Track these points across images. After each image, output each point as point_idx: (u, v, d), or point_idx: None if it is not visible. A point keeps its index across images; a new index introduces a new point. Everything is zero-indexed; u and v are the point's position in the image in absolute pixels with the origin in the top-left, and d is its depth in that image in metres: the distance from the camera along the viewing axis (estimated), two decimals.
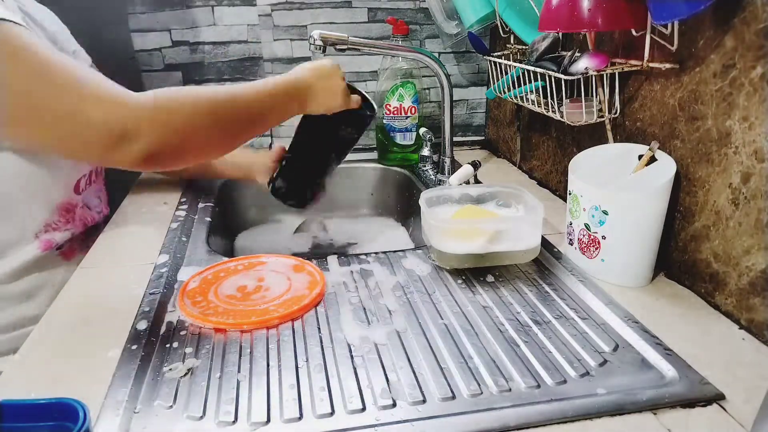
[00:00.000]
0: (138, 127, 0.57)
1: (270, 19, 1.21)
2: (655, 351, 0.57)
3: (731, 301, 0.63)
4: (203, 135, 0.64)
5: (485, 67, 1.33)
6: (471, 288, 0.71)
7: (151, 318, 0.64)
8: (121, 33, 1.15)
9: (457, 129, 1.37)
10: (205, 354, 0.58)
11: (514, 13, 0.98)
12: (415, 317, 0.65)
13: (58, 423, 0.43)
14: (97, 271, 0.77)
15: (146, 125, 0.57)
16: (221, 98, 0.66)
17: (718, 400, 0.51)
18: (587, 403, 0.50)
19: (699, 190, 0.66)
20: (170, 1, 1.16)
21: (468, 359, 0.57)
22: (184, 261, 0.79)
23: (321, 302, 0.68)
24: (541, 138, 1.08)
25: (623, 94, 0.79)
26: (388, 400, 0.51)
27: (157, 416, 0.50)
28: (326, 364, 0.56)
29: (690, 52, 0.66)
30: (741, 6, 0.58)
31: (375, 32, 1.25)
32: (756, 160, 0.58)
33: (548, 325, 0.63)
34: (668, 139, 0.71)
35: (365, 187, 1.25)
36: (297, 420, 0.49)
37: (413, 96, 1.19)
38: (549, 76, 0.80)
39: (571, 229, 0.75)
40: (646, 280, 0.71)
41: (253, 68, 1.24)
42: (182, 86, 0.67)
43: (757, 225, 0.58)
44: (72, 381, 0.55)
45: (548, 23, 0.76)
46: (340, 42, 0.93)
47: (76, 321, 0.65)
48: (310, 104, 0.79)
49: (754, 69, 0.57)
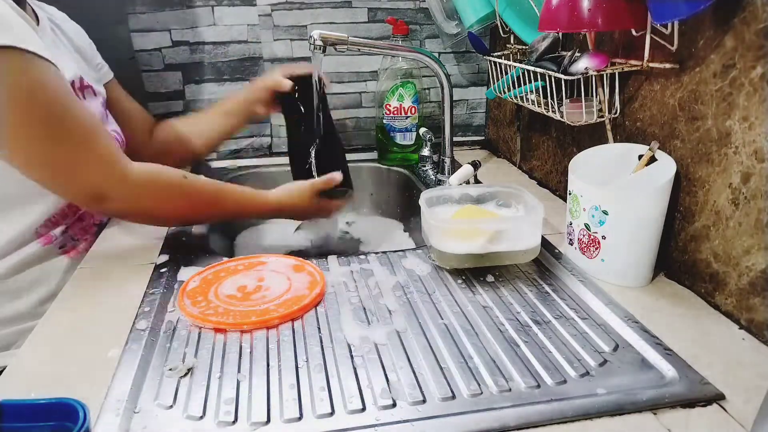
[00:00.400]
0: (113, 196, 0.71)
1: (270, 19, 1.21)
2: (655, 351, 0.57)
3: (731, 301, 0.63)
4: (170, 214, 0.79)
5: (485, 67, 1.33)
6: (471, 288, 0.71)
7: (151, 318, 0.64)
8: (121, 33, 1.15)
9: (457, 129, 1.37)
10: (205, 354, 0.58)
11: (514, 13, 0.98)
12: (415, 317, 0.65)
13: (58, 423, 0.43)
14: (97, 271, 0.77)
15: (120, 196, 0.71)
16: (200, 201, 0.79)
17: (718, 400, 0.51)
18: (587, 403, 0.50)
19: (699, 190, 0.66)
20: (170, 1, 1.16)
21: (468, 359, 0.57)
22: (184, 261, 0.79)
23: (321, 302, 0.68)
24: (541, 138, 1.08)
25: (623, 94, 0.79)
26: (388, 400, 0.51)
27: (157, 416, 0.50)
28: (326, 364, 0.56)
29: (690, 52, 0.66)
30: (741, 6, 0.58)
31: (375, 32, 1.25)
32: (756, 160, 0.58)
33: (548, 325, 0.63)
34: (668, 139, 0.71)
35: (365, 187, 1.25)
36: (297, 420, 0.49)
37: (413, 96, 1.19)
38: (549, 76, 0.80)
39: (571, 229, 0.75)
40: (646, 280, 0.71)
41: (253, 68, 1.24)
42: (168, 170, 0.77)
43: (757, 225, 0.58)
44: (72, 381, 0.55)
45: (548, 23, 0.76)
46: (340, 42, 0.93)
47: (76, 321, 0.65)
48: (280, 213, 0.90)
49: (754, 69, 0.57)
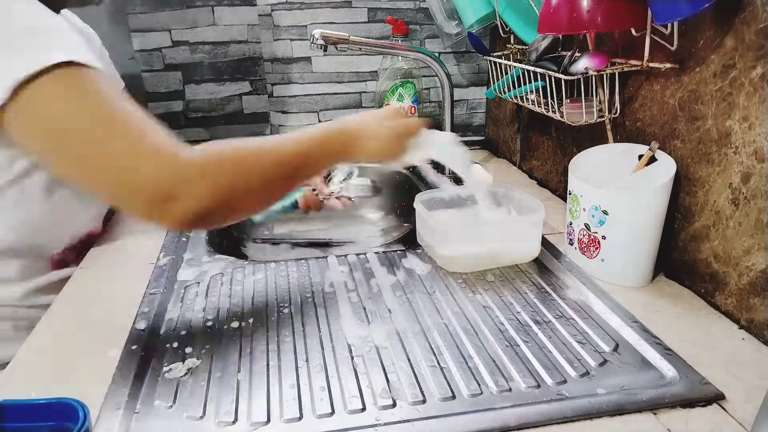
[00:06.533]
0: (185, 188, 0.55)
1: (270, 19, 1.21)
2: (655, 351, 0.57)
3: (731, 301, 0.63)
4: (248, 195, 0.61)
5: (485, 67, 1.33)
6: (471, 288, 0.71)
7: (151, 318, 0.64)
8: (121, 33, 1.15)
9: (457, 129, 1.37)
10: (205, 354, 0.58)
11: (514, 13, 0.98)
12: (415, 317, 0.65)
13: (58, 423, 0.43)
14: (97, 271, 0.77)
15: (194, 187, 0.55)
16: (267, 155, 0.62)
17: (718, 400, 0.51)
18: (587, 403, 0.50)
19: (699, 190, 0.66)
20: (170, 1, 1.16)
21: (468, 359, 0.57)
22: (184, 261, 0.79)
23: None
24: (541, 138, 1.08)
25: (623, 94, 0.79)
26: (388, 400, 0.51)
27: (157, 416, 0.50)
28: (326, 364, 0.56)
29: (690, 52, 0.66)
30: (741, 6, 0.58)
31: (375, 32, 1.25)
32: (756, 160, 0.58)
33: (548, 325, 0.63)
34: (668, 139, 0.71)
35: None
36: (297, 420, 0.49)
37: (413, 96, 1.19)
38: (549, 76, 0.80)
39: (571, 229, 0.75)
40: (646, 280, 0.71)
41: (253, 68, 1.24)
42: (229, 141, 0.62)
43: (757, 225, 0.58)
44: (72, 381, 0.55)
45: (548, 26, 0.76)
46: (342, 41, 0.93)
47: (76, 321, 0.65)
48: (356, 153, 0.70)
49: (754, 69, 0.57)
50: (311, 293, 0.70)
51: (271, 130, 1.30)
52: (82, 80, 0.58)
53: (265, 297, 0.69)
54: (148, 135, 0.57)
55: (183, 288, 0.71)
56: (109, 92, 0.59)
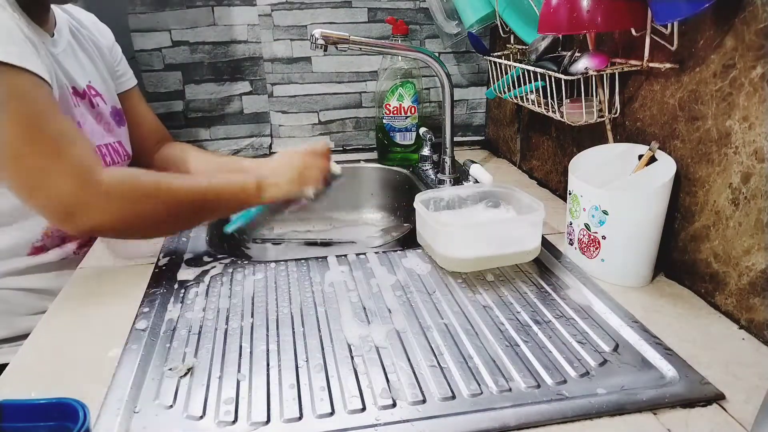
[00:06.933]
0: (86, 208, 0.64)
1: (270, 19, 1.21)
2: (655, 351, 0.57)
3: (731, 301, 0.63)
4: (155, 219, 0.70)
5: (485, 67, 1.33)
6: (471, 288, 0.71)
7: (151, 318, 0.64)
8: (121, 33, 1.15)
9: (457, 129, 1.37)
10: (205, 354, 0.58)
11: (514, 13, 0.98)
12: (415, 317, 0.65)
13: (58, 423, 0.43)
14: (97, 271, 0.77)
15: (94, 207, 0.65)
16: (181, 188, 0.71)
17: (718, 400, 0.51)
18: (587, 403, 0.50)
19: (699, 190, 0.66)
20: (170, 1, 1.16)
21: (468, 359, 0.57)
22: (184, 261, 0.79)
23: None
24: (541, 138, 1.08)
25: (623, 94, 0.79)
26: (388, 400, 0.51)
27: (157, 416, 0.50)
28: (326, 364, 0.56)
29: (690, 52, 0.66)
30: (741, 6, 0.58)
31: (375, 32, 1.25)
32: (756, 160, 0.58)
33: (548, 324, 0.63)
34: (668, 139, 0.71)
35: (365, 187, 1.25)
36: (297, 420, 0.49)
37: (413, 96, 1.19)
38: (549, 76, 0.80)
39: (571, 229, 0.75)
40: (646, 280, 0.71)
41: (253, 68, 1.24)
42: (145, 174, 0.70)
43: (757, 225, 0.58)
44: (72, 381, 0.55)
45: (548, 26, 0.76)
46: (342, 41, 0.92)
47: (76, 321, 0.65)
48: (263, 199, 0.79)
49: (754, 69, 0.57)
50: (311, 293, 0.70)
51: (271, 130, 1.30)
52: (9, 84, 0.62)
53: (265, 297, 0.69)
54: (64, 153, 0.64)
55: (183, 288, 0.71)
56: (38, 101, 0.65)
